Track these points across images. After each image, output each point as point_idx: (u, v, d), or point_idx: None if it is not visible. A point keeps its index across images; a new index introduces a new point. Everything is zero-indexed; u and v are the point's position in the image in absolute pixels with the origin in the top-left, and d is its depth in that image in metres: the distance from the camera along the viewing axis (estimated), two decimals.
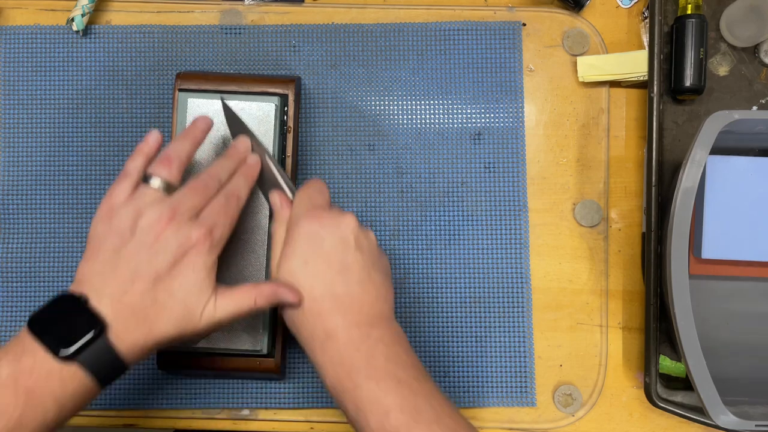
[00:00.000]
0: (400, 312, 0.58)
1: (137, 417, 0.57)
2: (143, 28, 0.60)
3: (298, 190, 0.49)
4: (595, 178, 0.59)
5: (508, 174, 0.59)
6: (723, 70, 0.59)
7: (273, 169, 0.51)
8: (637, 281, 0.58)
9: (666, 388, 0.56)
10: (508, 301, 0.58)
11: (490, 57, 0.60)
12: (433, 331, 0.58)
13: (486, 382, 0.57)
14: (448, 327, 0.58)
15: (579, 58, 0.59)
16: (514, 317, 0.58)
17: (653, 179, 0.56)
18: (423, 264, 0.58)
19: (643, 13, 0.60)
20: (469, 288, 0.58)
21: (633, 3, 0.60)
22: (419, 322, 0.58)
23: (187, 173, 0.50)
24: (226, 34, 0.60)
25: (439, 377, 0.57)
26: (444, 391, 0.57)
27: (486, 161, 0.59)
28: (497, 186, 0.59)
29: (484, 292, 0.58)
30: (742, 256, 0.55)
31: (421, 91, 0.60)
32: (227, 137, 0.54)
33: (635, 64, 0.58)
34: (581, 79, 0.59)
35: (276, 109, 0.54)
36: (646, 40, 0.60)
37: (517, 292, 0.58)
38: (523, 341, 0.58)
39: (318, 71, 0.60)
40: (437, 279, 0.58)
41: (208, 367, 0.54)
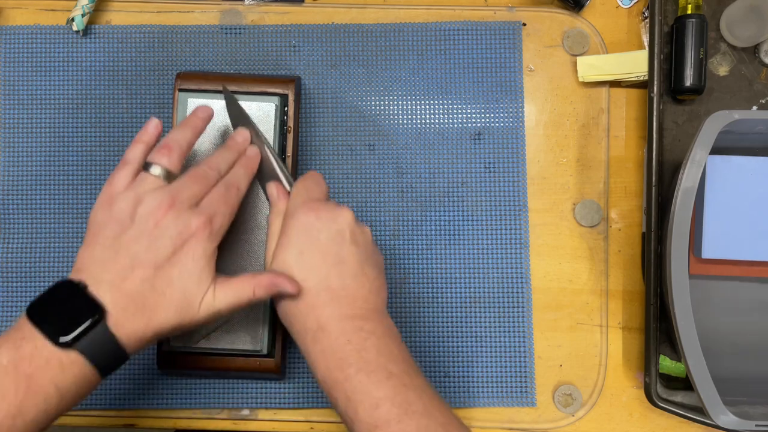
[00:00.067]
0: (400, 312, 0.58)
1: (137, 417, 0.57)
2: (143, 28, 0.60)
3: (295, 182, 0.49)
4: (595, 178, 0.59)
5: (508, 174, 0.59)
6: (723, 70, 0.59)
7: (272, 160, 0.51)
8: (637, 281, 0.59)
9: (666, 388, 0.56)
10: (508, 301, 0.58)
11: (490, 57, 0.60)
12: (433, 331, 0.58)
13: (486, 382, 0.57)
14: (448, 327, 0.58)
15: (579, 58, 0.59)
16: (514, 317, 0.58)
17: (653, 179, 0.56)
18: (423, 264, 0.58)
19: (643, 13, 0.60)
20: (469, 288, 0.58)
21: (633, 3, 0.60)
22: (419, 322, 0.58)
23: (187, 163, 0.50)
24: (226, 34, 0.60)
25: (439, 377, 0.57)
26: (444, 391, 0.57)
27: (486, 161, 0.59)
28: (497, 186, 0.59)
29: (484, 292, 0.58)
30: (742, 256, 0.55)
31: (421, 91, 0.60)
32: (226, 129, 0.54)
33: (635, 64, 0.58)
34: (581, 79, 0.59)
35: (276, 109, 0.54)
36: (646, 40, 0.60)
37: (517, 292, 0.58)
38: (523, 341, 0.58)
39: (318, 71, 0.60)
40: (437, 279, 0.58)
41: (208, 367, 0.54)
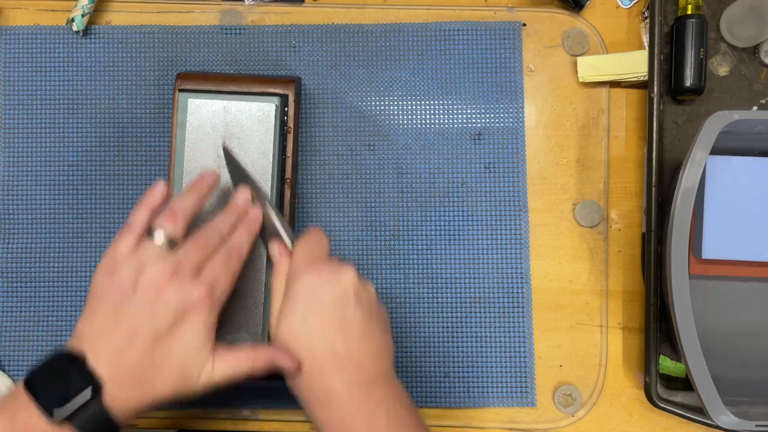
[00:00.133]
0: (400, 312, 0.58)
1: (137, 417, 0.57)
2: (143, 28, 0.60)
3: (297, 240, 0.49)
4: (595, 178, 0.59)
5: (508, 174, 0.59)
6: (723, 70, 0.59)
7: (273, 218, 0.50)
8: (637, 281, 0.58)
9: (666, 388, 0.56)
10: (508, 301, 0.58)
11: (490, 57, 0.60)
12: (433, 331, 0.58)
13: (486, 382, 0.57)
14: (448, 327, 0.58)
15: (579, 58, 0.59)
16: (514, 317, 0.58)
17: (653, 179, 0.56)
18: (423, 264, 0.58)
19: (643, 13, 0.60)
20: (469, 288, 0.58)
21: (633, 3, 0.60)
22: (419, 322, 0.58)
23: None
24: (226, 34, 0.60)
25: (439, 377, 0.57)
26: (444, 391, 0.57)
27: (486, 161, 0.59)
28: (497, 186, 0.59)
29: (484, 292, 0.58)
30: (742, 256, 0.55)
31: (421, 91, 0.60)
32: (227, 137, 0.54)
33: (635, 64, 0.58)
34: (581, 80, 0.59)
35: (276, 110, 0.54)
36: (646, 40, 0.60)
37: (517, 292, 0.58)
38: (523, 341, 0.58)
39: (318, 71, 0.60)
40: (437, 279, 0.58)
41: None
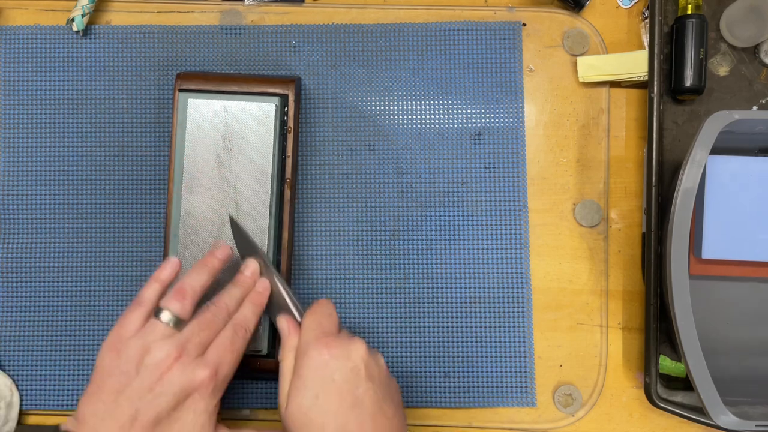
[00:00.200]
0: (400, 312, 0.58)
1: None
2: (143, 28, 0.60)
3: (306, 313, 0.48)
4: (595, 178, 0.59)
5: (508, 174, 0.59)
6: (723, 70, 0.59)
7: (281, 291, 0.50)
8: (637, 281, 0.58)
9: (666, 388, 0.56)
10: (508, 301, 0.58)
11: (490, 57, 0.60)
12: (433, 331, 0.58)
13: (486, 382, 0.57)
14: (448, 327, 0.58)
15: (579, 58, 0.59)
16: (514, 317, 0.58)
17: (653, 179, 0.56)
18: (423, 264, 0.58)
19: (643, 13, 0.60)
20: (469, 288, 0.58)
21: (633, 3, 0.60)
22: (419, 322, 0.58)
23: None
24: (226, 34, 0.60)
25: (439, 377, 0.57)
26: (444, 391, 0.57)
27: (486, 161, 0.59)
28: (497, 186, 0.59)
29: (484, 292, 0.58)
30: (742, 256, 0.55)
31: (421, 91, 0.60)
32: (227, 137, 0.54)
33: (635, 64, 0.58)
34: (581, 80, 0.59)
35: (276, 110, 0.54)
36: (646, 40, 0.60)
37: (517, 292, 0.58)
38: (523, 341, 0.58)
39: (318, 71, 0.60)
40: (437, 279, 0.58)
41: None
